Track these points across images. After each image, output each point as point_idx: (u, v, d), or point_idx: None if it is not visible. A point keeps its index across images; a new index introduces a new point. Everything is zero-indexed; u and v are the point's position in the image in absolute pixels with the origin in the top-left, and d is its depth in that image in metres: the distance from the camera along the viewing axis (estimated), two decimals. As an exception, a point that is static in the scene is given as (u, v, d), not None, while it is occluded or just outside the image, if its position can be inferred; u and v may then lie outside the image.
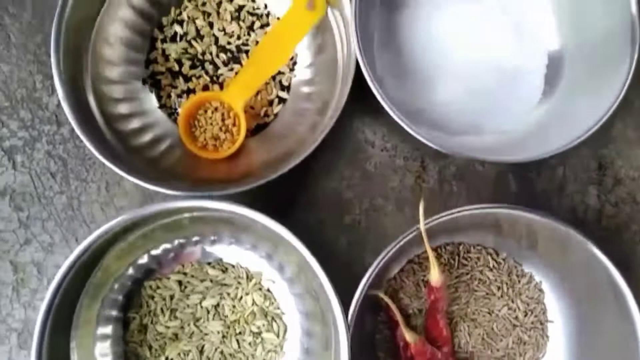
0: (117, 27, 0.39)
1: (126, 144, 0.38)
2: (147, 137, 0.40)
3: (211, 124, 0.40)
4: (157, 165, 0.39)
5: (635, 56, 0.36)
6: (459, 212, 0.34)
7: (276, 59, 0.40)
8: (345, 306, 0.33)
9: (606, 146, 0.43)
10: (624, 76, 0.35)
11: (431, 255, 0.35)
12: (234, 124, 0.40)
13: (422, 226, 0.33)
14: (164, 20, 0.42)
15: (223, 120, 0.40)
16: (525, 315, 0.39)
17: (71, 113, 0.35)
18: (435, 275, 0.35)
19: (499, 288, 0.39)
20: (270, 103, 0.42)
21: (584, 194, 0.42)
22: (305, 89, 0.41)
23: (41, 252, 0.41)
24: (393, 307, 0.35)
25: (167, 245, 0.38)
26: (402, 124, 0.34)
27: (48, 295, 0.33)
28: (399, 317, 0.35)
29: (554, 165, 0.42)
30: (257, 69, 0.39)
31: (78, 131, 0.35)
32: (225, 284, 0.39)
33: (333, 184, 0.42)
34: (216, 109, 0.40)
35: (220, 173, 0.40)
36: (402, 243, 0.33)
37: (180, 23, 0.42)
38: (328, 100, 0.39)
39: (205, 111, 0.40)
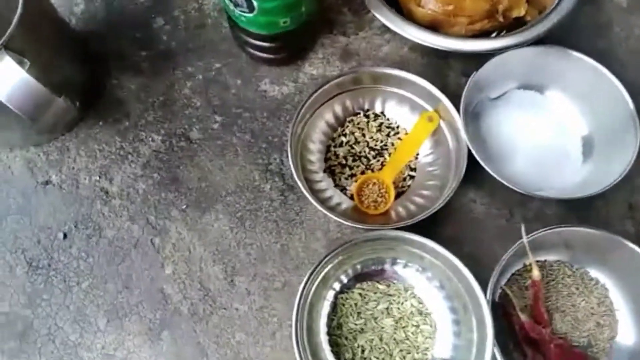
0: (316, 135, 0.66)
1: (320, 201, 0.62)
2: (330, 198, 0.64)
3: (372, 192, 0.64)
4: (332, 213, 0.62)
5: (639, 134, 0.59)
6: (546, 230, 0.55)
7: (410, 152, 0.65)
8: (480, 294, 0.53)
9: (632, 194, 0.64)
10: (634, 146, 0.58)
11: (531, 257, 0.55)
12: (386, 192, 0.64)
13: (524, 240, 0.54)
14: (334, 134, 0.68)
15: (379, 190, 0.64)
16: (599, 306, 0.57)
17: (300, 183, 0.60)
18: (535, 272, 0.55)
19: (577, 288, 0.58)
20: (404, 179, 0.66)
21: (623, 224, 0.63)
22: (429, 168, 0.65)
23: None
24: (512, 296, 0.55)
25: (358, 266, 0.60)
26: (503, 181, 0.57)
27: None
28: (516, 303, 0.54)
29: (599, 207, 0.63)
30: (398, 159, 0.64)
31: (307, 194, 0.59)
32: (390, 294, 0.60)
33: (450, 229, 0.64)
34: (374, 183, 0.64)
35: (378, 220, 0.63)
36: (511, 253, 0.54)
37: (345, 135, 0.68)
38: (446, 174, 0.62)
39: (368, 185, 0.64)
